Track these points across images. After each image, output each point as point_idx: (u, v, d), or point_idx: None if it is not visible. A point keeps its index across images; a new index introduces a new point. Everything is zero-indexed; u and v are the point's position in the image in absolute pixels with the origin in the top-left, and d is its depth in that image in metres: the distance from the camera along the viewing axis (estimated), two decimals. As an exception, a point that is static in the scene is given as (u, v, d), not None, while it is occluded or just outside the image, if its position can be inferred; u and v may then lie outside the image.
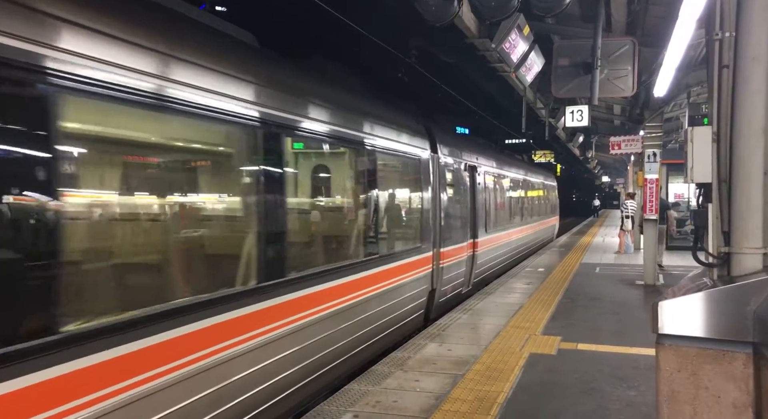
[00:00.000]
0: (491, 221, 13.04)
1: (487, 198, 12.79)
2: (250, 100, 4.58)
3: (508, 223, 15.20)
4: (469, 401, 5.13)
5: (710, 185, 3.07)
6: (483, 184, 12.27)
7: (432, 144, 9.10)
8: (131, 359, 3.37)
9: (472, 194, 11.37)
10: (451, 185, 9.91)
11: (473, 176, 11.46)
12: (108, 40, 3.31)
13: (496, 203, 13.95)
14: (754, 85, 2.87)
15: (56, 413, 2.90)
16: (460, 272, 10.30)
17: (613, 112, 15.86)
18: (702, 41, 7.49)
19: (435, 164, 9.05)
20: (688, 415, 2.83)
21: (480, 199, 11.86)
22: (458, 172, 10.46)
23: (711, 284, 3.02)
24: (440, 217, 9.17)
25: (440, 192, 9.23)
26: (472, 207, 11.28)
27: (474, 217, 11.34)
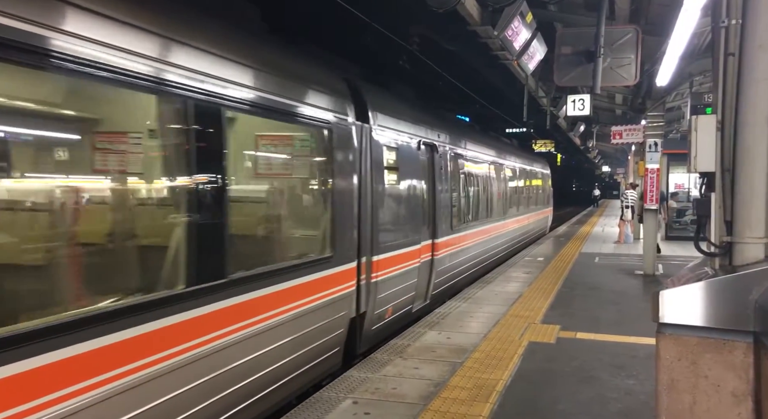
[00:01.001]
0: (460, 217, 10.57)
1: (455, 187, 10.25)
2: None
3: (484, 218, 12.50)
4: (468, 388, 5.14)
5: (713, 174, 3.05)
6: (448, 169, 9.71)
7: (360, 109, 6.54)
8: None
9: (431, 181, 8.82)
10: (393, 168, 7.32)
11: (432, 157, 8.91)
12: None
13: (469, 193, 11.30)
14: (760, 73, 2.85)
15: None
16: (409, 285, 7.81)
17: (614, 101, 15.80)
18: (705, 30, 7.44)
19: (364, 138, 6.48)
20: (687, 404, 2.84)
21: (443, 188, 9.30)
22: (407, 151, 7.80)
23: (712, 273, 3.02)
24: (373, 213, 6.60)
25: (373, 178, 6.62)
26: (430, 199, 8.80)
27: (434, 212, 8.84)
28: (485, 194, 12.77)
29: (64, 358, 2.98)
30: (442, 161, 9.35)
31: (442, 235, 9.16)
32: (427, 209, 8.73)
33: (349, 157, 6.16)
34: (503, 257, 14.56)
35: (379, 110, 7.05)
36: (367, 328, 6.70)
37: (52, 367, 2.93)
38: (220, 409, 4.22)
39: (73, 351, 3.03)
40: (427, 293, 8.81)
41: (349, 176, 6.16)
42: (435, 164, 8.97)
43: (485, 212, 12.72)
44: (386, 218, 7.09)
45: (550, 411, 4.72)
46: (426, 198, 8.68)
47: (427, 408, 4.70)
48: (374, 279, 6.66)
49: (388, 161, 7.24)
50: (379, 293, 6.79)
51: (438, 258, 8.97)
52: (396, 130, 7.50)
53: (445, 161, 9.61)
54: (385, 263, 6.94)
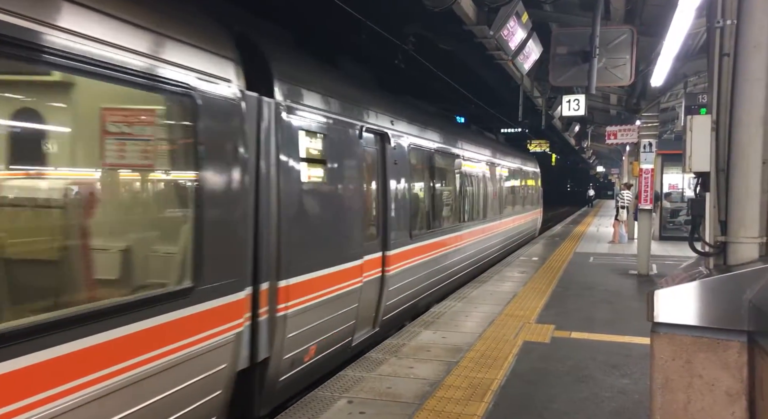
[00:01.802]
0: (423, 223, 8.92)
1: (417, 188, 8.72)
2: None
3: (456, 223, 10.69)
4: (463, 388, 5.15)
5: (708, 174, 3.07)
6: (408, 165, 8.01)
7: (260, 78, 4.81)
8: None
9: (382, 180, 7.17)
10: (317, 161, 5.65)
11: (383, 150, 7.18)
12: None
13: (436, 194, 9.61)
14: (754, 74, 2.86)
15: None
16: (345, 312, 6.03)
17: (609, 101, 15.85)
18: (700, 30, 7.48)
19: (266, 118, 4.75)
20: (681, 403, 2.85)
21: (399, 189, 7.60)
22: (341, 140, 6.07)
23: (707, 273, 3.03)
24: (281, 222, 4.87)
25: (282, 174, 4.90)
26: (380, 202, 7.14)
27: (385, 218, 7.18)
28: (459, 196, 11.03)
29: None
30: (398, 154, 7.60)
31: (397, 246, 7.41)
32: (375, 214, 7.08)
33: (232, 142, 4.27)
34: (482, 267, 12.77)
35: (295, 82, 5.27)
36: (272, 380, 4.88)
37: None
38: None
39: None
40: (376, 318, 7.05)
41: (233, 170, 4.25)
42: (387, 159, 7.20)
43: (458, 216, 10.90)
44: (304, 228, 5.23)
45: (544, 410, 4.73)
46: (373, 201, 7.03)
47: (422, 408, 4.70)
48: (283, 312, 4.85)
49: (309, 152, 5.46)
50: (292, 329, 5.00)
51: (391, 275, 7.22)
52: (323, 111, 5.68)
53: (403, 155, 7.86)
54: (302, 288, 5.15)
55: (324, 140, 5.75)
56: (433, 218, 9.44)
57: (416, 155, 8.68)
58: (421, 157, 8.97)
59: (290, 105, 5.11)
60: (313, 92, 5.64)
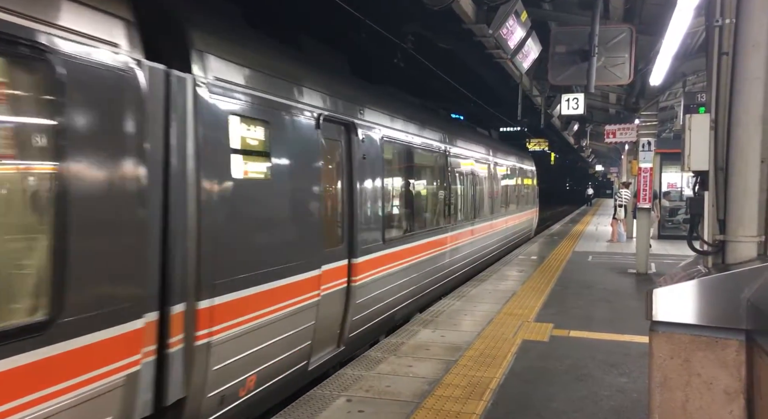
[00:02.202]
0: (400, 225, 8.12)
1: (393, 186, 7.90)
2: None
3: (440, 225, 9.78)
4: (462, 386, 5.15)
5: (707, 172, 3.07)
6: (381, 160, 7.12)
7: (166, 43, 3.96)
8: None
9: (347, 177, 6.32)
10: (257, 153, 4.86)
11: (349, 143, 6.35)
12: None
13: (415, 193, 8.81)
14: (753, 72, 2.86)
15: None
16: (297, 333, 5.16)
17: (608, 100, 15.86)
18: (699, 29, 7.47)
19: (173, 96, 3.87)
20: (679, 401, 2.85)
21: (369, 187, 6.78)
22: (291, 129, 5.20)
23: (705, 271, 3.04)
24: (201, 226, 4.00)
25: (204, 168, 4.03)
26: (346, 202, 6.30)
27: (352, 220, 6.31)
28: (444, 196, 10.12)
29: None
30: (368, 148, 6.71)
31: (366, 252, 6.59)
32: (339, 217, 6.24)
33: (117, 125, 3.39)
34: (471, 271, 11.96)
35: (225, 56, 4.34)
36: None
37: None
38: None
39: None
40: (340, 336, 6.22)
41: (120, 162, 3.38)
42: (354, 152, 6.36)
43: (442, 218, 9.97)
44: (237, 236, 4.34)
45: (543, 408, 4.74)
46: (336, 201, 6.23)
47: (421, 406, 4.71)
48: (205, 340, 3.99)
49: (246, 142, 4.63)
50: (221, 359, 4.17)
51: (359, 285, 6.39)
52: (265, 93, 4.78)
53: (375, 149, 6.97)
54: (234, 308, 4.29)
55: (267, 128, 4.80)
56: (413, 221, 8.59)
57: (392, 150, 7.84)
58: (398, 152, 8.09)
59: (216, 83, 4.18)
60: (252, 70, 4.66)
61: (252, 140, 4.78)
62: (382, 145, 7.22)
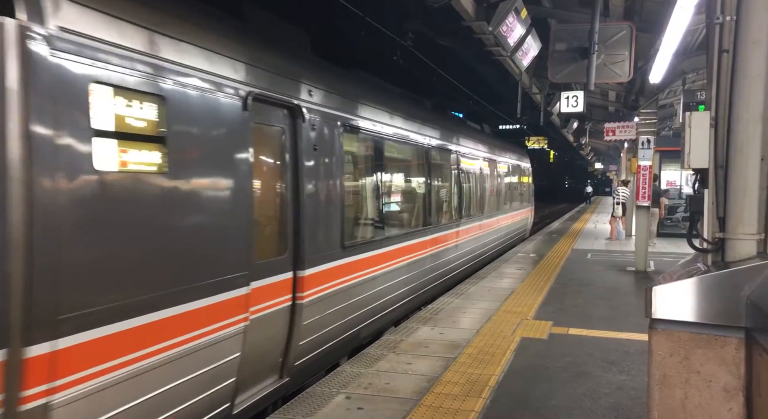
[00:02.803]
0: (364, 229, 7.06)
1: (353, 183, 6.89)
2: None
3: (417, 228, 8.69)
4: (461, 384, 5.16)
5: (707, 170, 3.07)
6: (337, 152, 6.02)
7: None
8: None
9: (292, 171, 5.25)
10: (140, 137, 3.72)
11: (295, 129, 5.27)
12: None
13: (385, 192, 7.68)
14: (753, 70, 2.86)
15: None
16: (202, 375, 4.07)
17: (607, 98, 15.85)
18: (699, 27, 7.47)
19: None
20: (679, 399, 2.86)
21: (321, 184, 5.70)
22: (193, 105, 4.06)
23: (704, 269, 3.04)
24: (31, 241, 2.89)
25: (33, 162, 2.90)
26: (290, 202, 5.22)
27: (299, 225, 5.26)
28: (422, 194, 9.08)
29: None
30: (321, 137, 5.64)
31: (318, 262, 5.56)
32: (280, 220, 5.16)
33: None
34: (455, 278, 10.85)
35: (84, 1, 3.26)
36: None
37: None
38: None
39: None
40: (283, 365, 5.18)
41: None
42: (300, 142, 5.27)
43: (420, 219, 8.93)
44: (100, 248, 3.30)
45: (542, 406, 4.74)
46: (276, 202, 5.18)
47: (420, 404, 4.71)
48: (42, 399, 2.94)
49: (124, 123, 3.55)
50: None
51: (309, 302, 5.36)
52: (157, 58, 3.67)
53: (333, 140, 5.92)
54: (93, 351, 3.21)
55: (161, 105, 3.71)
56: (383, 224, 7.45)
57: (358, 141, 6.83)
58: (365, 144, 7.04)
59: (65, 37, 3.08)
60: (137, 26, 3.58)
61: (135, 120, 3.63)
62: (340, 134, 6.12)
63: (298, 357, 5.34)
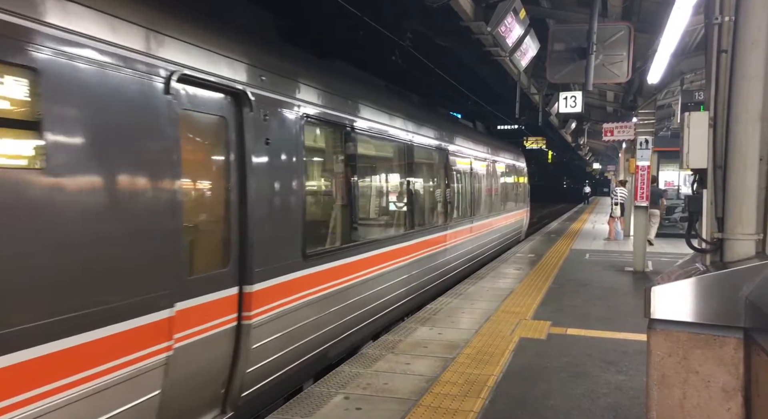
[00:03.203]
0: (333, 235, 6.33)
1: (317, 182, 6.35)
2: None
3: (395, 232, 7.99)
4: (460, 384, 5.16)
5: (705, 170, 3.07)
6: (295, 147, 5.26)
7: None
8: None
9: (237, 169, 4.51)
10: (12, 123, 2.97)
11: (239, 119, 4.53)
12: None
13: (356, 193, 6.70)
14: (752, 70, 2.86)
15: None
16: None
17: (606, 98, 15.87)
18: (697, 27, 7.48)
19: None
20: (677, 399, 2.86)
21: (275, 185, 4.96)
22: (86, 84, 3.21)
23: (703, 269, 3.04)
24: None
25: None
26: (234, 205, 4.49)
27: (245, 231, 4.53)
28: (402, 195, 8.34)
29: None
30: (276, 130, 4.92)
31: (272, 275, 4.83)
32: (222, 226, 4.44)
33: None
34: (441, 286, 10.00)
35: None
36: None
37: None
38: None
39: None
40: (226, 397, 4.49)
41: None
42: (248, 134, 4.52)
43: (403, 223, 8.25)
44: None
45: (540, 406, 4.74)
46: (215, 204, 4.49)
47: (419, 404, 4.71)
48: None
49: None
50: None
51: (259, 323, 4.65)
52: (24, 17, 2.93)
53: (291, 133, 5.18)
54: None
55: (33, 80, 2.94)
56: (354, 229, 6.62)
57: (324, 135, 6.12)
58: (334, 138, 6.28)
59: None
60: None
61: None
62: (305, 128, 5.40)
63: (245, 387, 4.61)
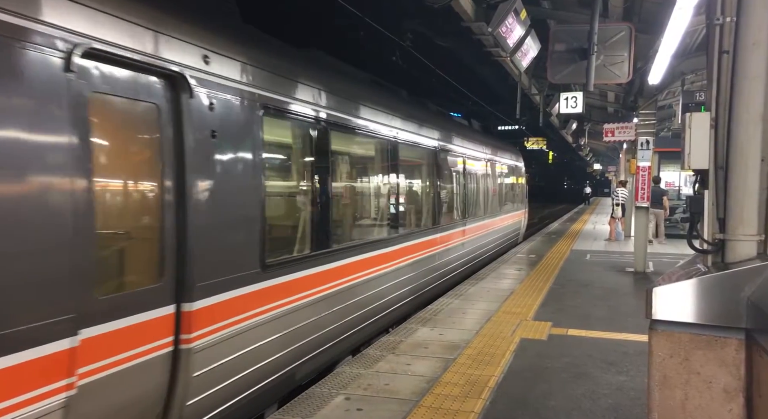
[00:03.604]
0: (302, 241, 5.65)
1: (277, 181, 5.55)
2: None
3: (372, 237, 7.28)
4: (461, 385, 5.15)
5: (707, 171, 3.06)
6: (251, 140, 4.62)
7: None
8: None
9: (173, 165, 3.86)
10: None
11: (177, 107, 3.88)
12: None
13: (327, 194, 5.97)
14: (753, 71, 2.85)
15: None
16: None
17: (606, 99, 15.87)
18: (698, 28, 7.48)
19: None
20: (679, 400, 2.85)
21: (224, 184, 4.28)
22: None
23: (704, 270, 3.03)
24: None
25: None
26: (169, 208, 3.80)
27: (182, 238, 3.86)
28: (383, 196, 7.72)
29: None
30: (224, 121, 4.25)
31: (221, 289, 4.18)
32: (153, 233, 3.78)
33: None
34: (427, 295, 9.21)
35: None
36: None
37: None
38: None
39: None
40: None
41: None
42: (187, 124, 3.87)
43: (386, 226, 7.61)
44: None
45: (541, 407, 4.74)
46: (143, 206, 3.84)
47: (420, 404, 4.71)
48: None
49: None
50: None
51: (202, 347, 4.00)
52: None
53: (244, 125, 4.51)
54: None
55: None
56: (326, 235, 5.91)
57: (286, 128, 5.52)
58: (300, 132, 5.66)
59: None
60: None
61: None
62: (262, 119, 4.71)
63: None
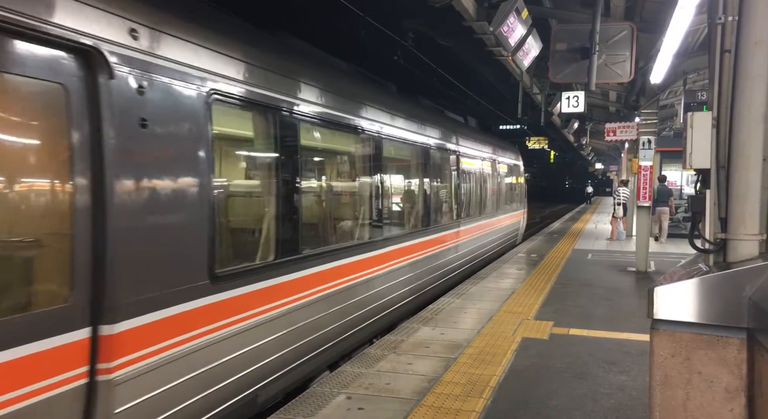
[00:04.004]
0: (265, 248, 4.93)
1: (230, 178, 4.92)
2: None
3: (351, 241, 6.58)
4: (462, 384, 5.15)
5: (709, 170, 3.06)
6: (195, 131, 3.92)
7: None
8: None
9: (90, 160, 3.18)
10: None
11: (95, 91, 3.20)
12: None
13: (294, 192, 5.26)
14: (755, 70, 2.85)
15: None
16: None
17: (608, 98, 15.85)
18: (700, 27, 7.48)
19: None
20: (680, 399, 2.85)
21: (158, 182, 3.60)
22: None
23: (706, 270, 3.03)
24: None
25: None
26: (91, 209, 3.16)
27: (101, 248, 3.19)
28: (361, 196, 7.03)
29: None
30: (159, 107, 3.65)
31: (153, 306, 3.56)
32: (57, 240, 3.13)
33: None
34: (414, 303, 8.57)
35: None
36: None
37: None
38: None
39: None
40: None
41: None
42: (106, 110, 3.24)
43: (366, 228, 6.96)
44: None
45: (543, 406, 4.73)
46: (44, 209, 3.13)
47: (421, 404, 4.71)
48: None
49: None
50: None
51: (130, 376, 3.38)
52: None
53: (185, 112, 3.87)
54: None
55: None
56: (291, 239, 5.17)
57: (243, 117, 4.88)
58: (263, 123, 4.96)
59: None
60: None
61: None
62: (210, 107, 4.08)
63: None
